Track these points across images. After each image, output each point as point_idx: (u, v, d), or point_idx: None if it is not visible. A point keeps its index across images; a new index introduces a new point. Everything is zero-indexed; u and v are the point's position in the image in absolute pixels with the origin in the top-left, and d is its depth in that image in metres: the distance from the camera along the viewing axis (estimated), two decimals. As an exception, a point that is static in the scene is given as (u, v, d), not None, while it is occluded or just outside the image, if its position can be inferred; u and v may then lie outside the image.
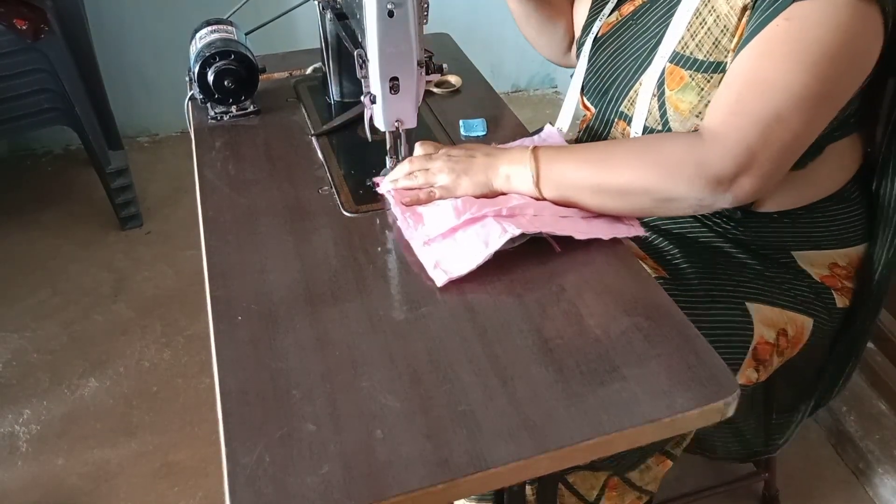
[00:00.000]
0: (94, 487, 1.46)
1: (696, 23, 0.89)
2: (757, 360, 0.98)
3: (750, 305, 0.97)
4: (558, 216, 0.86)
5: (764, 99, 0.78)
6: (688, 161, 0.80)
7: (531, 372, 0.71)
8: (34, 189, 2.33)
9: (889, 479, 1.39)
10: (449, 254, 0.82)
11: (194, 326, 1.81)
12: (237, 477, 0.61)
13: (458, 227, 0.84)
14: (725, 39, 0.87)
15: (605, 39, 1.05)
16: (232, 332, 0.75)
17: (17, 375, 1.69)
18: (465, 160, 0.90)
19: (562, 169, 0.86)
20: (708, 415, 0.69)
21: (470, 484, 0.62)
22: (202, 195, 0.96)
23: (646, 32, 0.98)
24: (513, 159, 0.88)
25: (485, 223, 0.83)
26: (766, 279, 0.99)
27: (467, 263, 0.80)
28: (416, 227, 0.86)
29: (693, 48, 0.90)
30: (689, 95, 0.91)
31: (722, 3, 0.87)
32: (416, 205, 0.90)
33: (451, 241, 0.83)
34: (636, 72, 0.97)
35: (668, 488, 1.36)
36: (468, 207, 0.85)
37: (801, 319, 1.00)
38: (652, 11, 0.98)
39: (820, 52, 0.76)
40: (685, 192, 0.80)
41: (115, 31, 2.34)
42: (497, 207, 0.84)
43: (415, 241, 0.85)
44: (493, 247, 0.80)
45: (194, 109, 1.15)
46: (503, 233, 0.80)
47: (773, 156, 0.79)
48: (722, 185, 0.79)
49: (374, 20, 0.82)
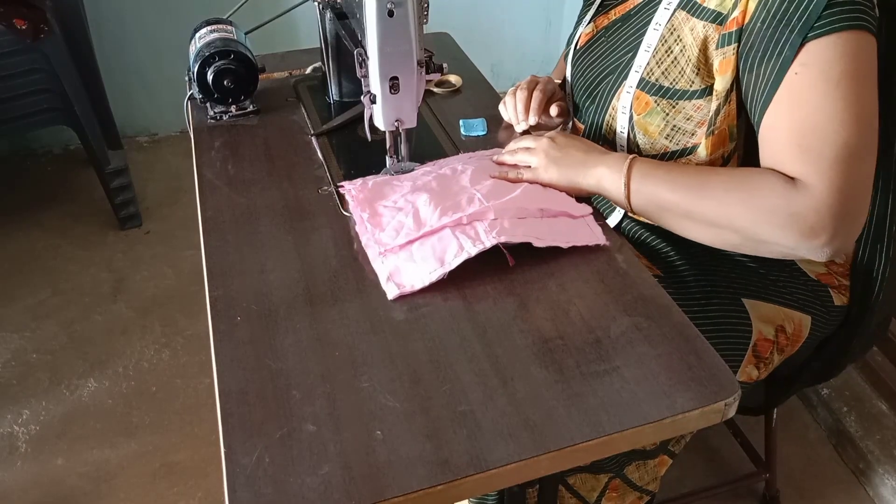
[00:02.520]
0: (93, 487, 1.46)
1: (663, 51, 0.91)
2: (757, 358, 0.98)
3: (746, 302, 0.97)
4: (517, 218, 0.85)
5: (828, 138, 0.77)
6: (782, 209, 0.78)
7: (531, 372, 0.70)
8: (34, 189, 2.33)
9: (889, 479, 1.39)
10: (404, 267, 0.81)
11: (194, 326, 1.81)
12: (237, 477, 0.61)
13: (416, 240, 0.83)
14: (689, 69, 0.88)
15: (582, 52, 1.05)
16: (231, 332, 0.75)
17: (17, 375, 1.69)
18: (564, 150, 0.91)
19: (654, 186, 0.85)
20: (708, 415, 0.68)
21: (470, 485, 0.62)
22: (201, 195, 0.96)
23: (616, 50, 0.99)
24: (609, 164, 0.88)
25: (441, 236, 0.82)
26: (762, 276, 0.99)
27: (421, 279, 0.79)
28: (374, 233, 0.85)
29: (659, 75, 0.91)
30: (656, 119, 0.93)
31: (686, 34, 0.88)
32: (503, 180, 0.91)
33: (406, 253, 0.82)
34: (609, 94, 0.98)
35: (668, 488, 1.37)
36: (429, 217, 0.84)
37: (798, 317, 1.00)
38: (623, 30, 0.99)
39: (850, 82, 0.77)
40: (776, 238, 0.79)
41: (115, 31, 2.34)
42: (458, 215, 0.83)
43: (370, 249, 0.84)
44: (450, 265, 0.79)
45: (194, 109, 1.15)
46: (459, 251, 0.80)
47: (858, 188, 0.78)
48: (819, 237, 0.77)
49: (373, 20, 0.82)
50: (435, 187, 0.89)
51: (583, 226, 0.87)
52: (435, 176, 0.92)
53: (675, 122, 0.92)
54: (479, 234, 0.82)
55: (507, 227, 0.82)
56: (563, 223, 0.87)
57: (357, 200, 0.90)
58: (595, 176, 0.89)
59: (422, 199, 0.87)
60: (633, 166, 0.86)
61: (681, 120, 0.91)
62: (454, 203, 0.86)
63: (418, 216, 0.85)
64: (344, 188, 0.94)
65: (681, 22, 0.89)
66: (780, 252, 0.82)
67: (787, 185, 0.79)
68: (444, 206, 0.85)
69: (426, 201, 0.86)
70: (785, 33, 0.78)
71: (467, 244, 0.80)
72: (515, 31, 2.70)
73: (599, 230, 0.87)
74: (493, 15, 2.62)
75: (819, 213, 0.77)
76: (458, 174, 0.92)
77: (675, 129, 0.92)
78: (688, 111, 0.90)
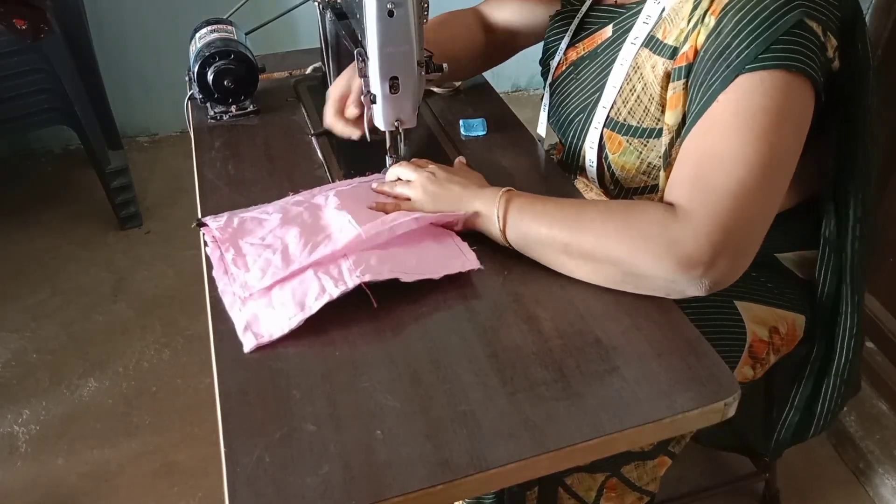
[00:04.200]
0: (94, 487, 1.46)
1: (627, 89, 0.91)
2: (753, 358, 0.99)
3: (738, 304, 0.97)
4: (385, 250, 0.80)
5: (725, 172, 0.75)
6: (659, 237, 0.75)
7: (531, 372, 0.71)
8: (34, 189, 2.33)
9: (889, 479, 1.39)
10: (262, 314, 0.75)
11: (194, 326, 1.81)
12: (237, 477, 0.61)
13: (277, 283, 0.77)
14: (653, 107, 0.88)
15: (556, 84, 1.05)
16: (231, 332, 0.75)
17: (17, 375, 1.69)
18: (443, 185, 0.88)
19: (530, 220, 0.81)
20: (708, 415, 0.69)
21: (470, 484, 0.62)
22: (202, 195, 0.96)
23: (585, 88, 0.99)
24: (484, 199, 0.85)
25: (303, 278, 0.77)
26: (752, 279, 0.99)
27: (280, 327, 0.74)
28: (234, 277, 0.79)
29: (626, 115, 0.91)
30: (630, 158, 0.93)
31: (648, 71, 0.88)
32: (380, 211, 0.87)
33: (266, 300, 0.76)
34: (581, 132, 0.98)
35: (668, 488, 1.37)
36: (298, 254, 0.79)
37: (791, 317, 1.01)
38: (591, 67, 0.99)
39: (766, 119, 0.75)
40: (653, 269, 0.75)
41: (115, 31, 2.34)
42: (328, 249, 0.79)
43: (227, 297, 0.78)
44: (310, 310, 0.74)
45: (194, 109, 1.15)
46: (321, 293, 0.75)
47: (746, 228, 0.75)
48: (696, 268, 0.73)
49: (374, 20, 0.82)
50: (306, 219, 0.85)
51: (453, 249, 0.83)
52: (307, 206, 0.88)
53: (650, 160, 0.92)
54: (342, 273, 0.77)
55: (374, 265, 0.78)
56: (434, 251, 0.83)
57: (220, 240, 0.84)
58: (472, 210, 0.85)
59: (291, 235, 0.82)
60: (509, 201, 0.83)
61: (654, 157, 0.91)
62: (325, 236, 0.82)
63: (287, 253, 0.80)
64: (207, 228, 0.87)
65: (644, 59, 0.89)
66: (661, 287, 0.77)
67: (666, 213, 0.76)
68: (314, 241, 0.81)
69: (296, 236, 0.82)
70: (723, 66, 0.78)
71: (329, 285, 0.75)
72: (515, 31, 2.70)
73: (473, 255, 0.83)
74: (493, 15, 2.62)
75: (697, 241, 0.73)
76: (329, 203, 0.87)
77: (649, 165, 0.92)
78: (658, 149, 0.90)
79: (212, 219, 0.88)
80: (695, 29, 0.82)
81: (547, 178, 0.99)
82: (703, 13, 0.81)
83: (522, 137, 1.09)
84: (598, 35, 0.99)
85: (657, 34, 0.88)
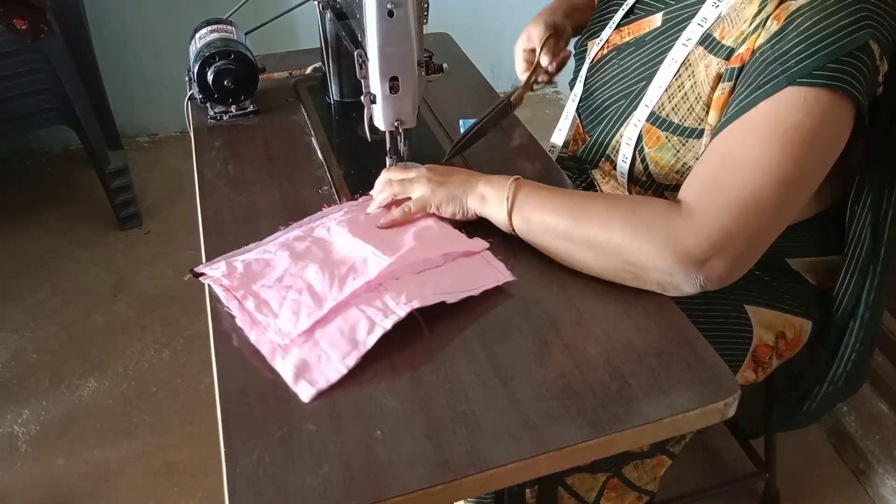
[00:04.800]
0: (94, 487, 1.46)
1: (675, 85, 0.89)
2: (756, 362, 0.98)
3: (749, 308, 0.97)
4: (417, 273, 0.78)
5: (742, 179, 0.75)
6: (661, 227, 0.76)
7: (531, 372, 0.71)
8: (34, 189, 2.33)
9: (889, 479, 1.39)
10: (311, 358, 0.70)
11: (194, 326, 1.81)
12: (237, 477, 0.61)
13: (318, 324, 0.73)
14: (699, 107, 0.87)
15: (596, 68, 1.03)
16: (231, 332, 0.75)
17: (17, 375, 1.69)
18: (445, 174, 0.88)
19: (537, 206, 0.82)
20: (708, 415, 0.69)
21: (470, 484, 0.62)
22: (202, 195, 0.96)
23: (628, 76, 0.97)
24: (492, 182, 0.85)
25: (346, 316, 0.73)
26: (765, 283, 0.99)
27: (336, 369, 0.69)
28: (264, 326, 0.74)
29: (669, 111, 0.90)
30: (667, 155, 0.91)
31: (700, 70, 0.87)
32: (393, 226, 0.85)
33: (310, 343, 0.72)
34: (618, 120, 0.97)
35: (668, 488, 1.36)
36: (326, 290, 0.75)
37: (799, 322, 1.00)
38: (636, 56, 0.97)
39: (799, 137, 0.75)
40: (651, 260, 0.76)
41: (115, 31, 2.34)
42: (361, 280, 0.75)
43: (263, 346, 0.72)
44: (365, 346, 0.71)
45: (194, 109, 1.15)
46: (371, 327, 0.71)
47: (749, 238, 0.76)
48: (692, 263, 0.74)
49: (373, 20, 0.82)
50: (318, 253, 0.81)
51: (483, 265, 0.82)
52: (312, 240, 0.83)
53: (686, 160, 0.90)
54: (387, 304, 0.73)
55: (415, 290, 0.75)
56: (465, 267, 0.81)
57: (232, 288, 0.78)
58: (478, 195, 0.85)
59: (311, 272, 0.78)
60: (519, 186, 0.83)
61: (690, 158, 0.89)
62: (349, 268, 0.78)
63: (314, 291, 0.75)
64: (207, 277, 0.80)
65: (697, 58, 0.87)
66: (657, 281, 0.77)
67: (670, 207, 0.77)
68: (339, 275, 0.77)
69: (316, 273, 0.77)
70: (777, 71, 0.77)
71: (378, 318, 0.72)
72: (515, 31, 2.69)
73: (502, 265, 0.82)
74: (493, 15, 2.62)
75: (696, 238, 0.74)
76: (336, 232, 0.84)
77: (684, 165, 0.90)
78: (697, 150, 0.88)
79: (208, 267, 0.82)
80: (755, 32, 0.81)
81: (547, 178, 0.99)
82: (767, 17, 0.80)
83: (522, 137, 1.09)
84: (646, 22, 0.97)
85: (714, 33, 0.86)
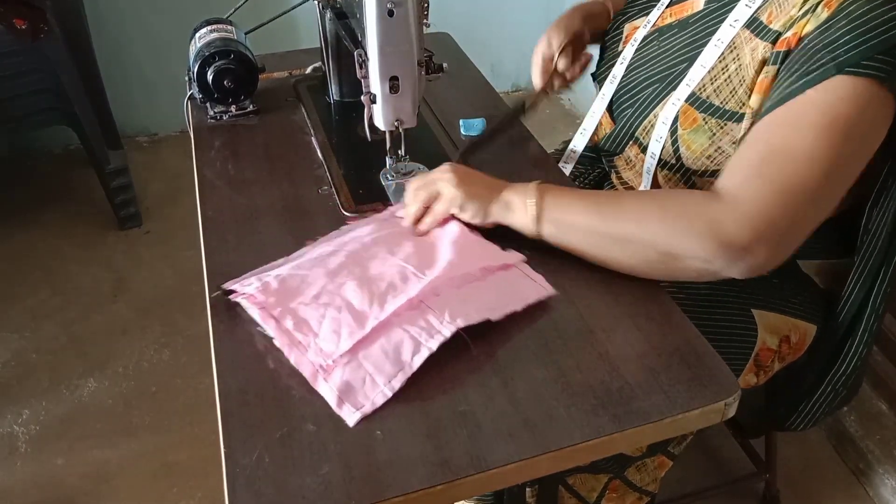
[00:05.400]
0: (93, 487, 1.46)
1: (719, 67, 0.87)
2: (758, 366, 0.98)
3: (755, 312, 0.96)
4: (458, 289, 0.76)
5: (789, 168, 0.75)
6: (701, 216, 0.75)
7: (531, 372, 0.70)
8: (34, 189, 2.33)
9: (889, 479, 1.39)
10: (354, 381, 0.68)
11: (194, 326, 1.81)
12: (237, 477, 0.61)
13: (360, 344, 0.70)
14: (741, 90, 0.85)
15: (635, 51, 1.00)
16: (231, 332, 0.75)
17: (17, 375, 1.69)
18: (468, 174, 0.85)
19: (566, 208, 0.80)
20: (708, 415, 0.68)
21: (470, 484, 0.62)
22: (201, 195, 0.96)
23: (668, 58, 0.95)
24: (516, 188, 0.83)
25: (388, 336, 0.71)
26: (774, 286, 0.98)
27: (381, 392, 0.67)
28: (304, 346, 0.71)
29: (710, 92, 0.88)
30: (701, 138, 0.89)
31: (746, 53, 0.85)
32: (426, 231, 0.84)
33: (353, 365, 0.69)
34: (653, 101, 0.95)
35: (668, 488, 1.36)
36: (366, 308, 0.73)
37: (804, 326, 1.00)
38: (679, 37, 0.95)
39: (845, 128, 0.75)
40: (692, 249, 0.75)
41: (114, 30, 2.34)
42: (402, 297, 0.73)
43: (304, 367, 0.70)
44: (411, 368, 0.69)
45: (193, 109, 1.15)
46: (416, 348, 0.70)
47: (793, 227, 0.76)
48: (735, 251, 0.74)
49: (373, 20, 0.82)
50: (354, 269, 0.78)
51: (522, 278, 0.80)
52: (346, 255, 0.80)
53: (721, 145, 0.88)
54: (430, 323, 0.71)
55: (458, 308, 0.73)
56: (505, 281, 0.79)
57: (268, 306, 0.75)
58: (503, 202, 0.82)
59: (349, 289, 0.75)
60: (543, 189, 0.81)
61: (727, 143, 0.88)
62: (388, 285, 0.75)
63: (354, 309, 0.73)
64: (239, 293, 0.77)
65: (743, 41, 0.86)
66: (695, 269, 0.77)
67: (707, 196, 0.77)
68: (379, 293, 0.74)
69: (354, 290, 0.75)
70: (826, 58, 0.76)
71: (423, 338, 0.70)
72: (515, 31, 2.70)
73: (541, 278, 0.80)
74: (493, 15, 2.62)
75: (739, 224, 0.73)
76: (369, 247, 0.81)
77: (718, 150, 0.89)
78: (734, 134, 0.87)
79: (238, 283, 0.79)
80: (804, 17, 0.79)
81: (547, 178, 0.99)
82: (817, 3, 0.79)
83: (522, 137, 1.09)
84: (689, 5, 0.95)
85: (762, 17, 0.85)
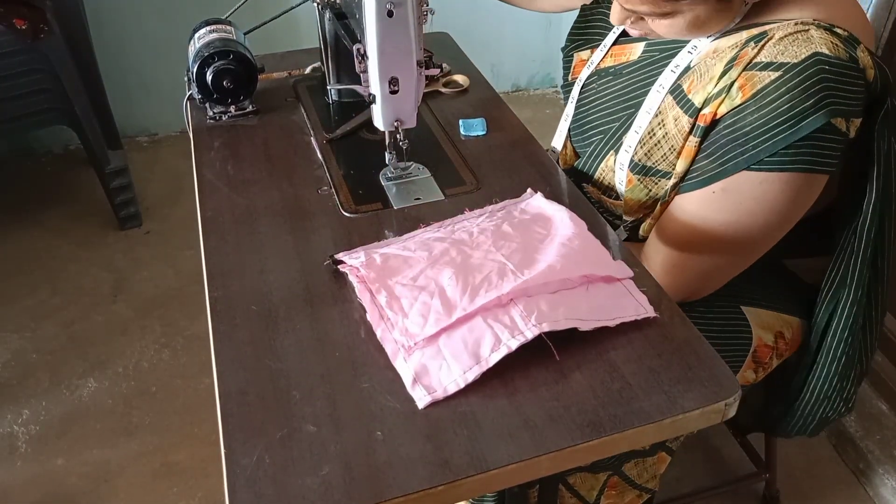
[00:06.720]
0: (93, 487, 1.46)
1: (647, 136, 0.91)
2: (756, 363, 0.98)
3: (745, 309, 0.97)
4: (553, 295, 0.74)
5: (703, 256, 0.87)
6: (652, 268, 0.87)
7: (531, 372, 0.70)
8: (34, 189, 2.32)
9: (889, 479, 1.39)
10: (431, 365, 0.69)
11: (194, 326, 1.81)
12: (237, 478, 0.61)
13: (443, 331, 0.71)
14: (672, 155, 0.90)
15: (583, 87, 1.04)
16: (231, 333, 0.75)
17: (17, 375, 1.69)
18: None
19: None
20: (709, 415, 0.68)
21: (470, 485, 0.62)
22: (201, 195, 0.96)
23: (607, 108, 0.99)
24: None
25: (472, 326, 0.71)
26: (761, 284, 0.99)
27: (454, 381, 0.68)
28: (392, 323, 0.73)
29: (642, 156, 0.92)
30: (640, 195, 0.95)
31: (671, 121, 0.89)
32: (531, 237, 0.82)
33: (433, 349, 0.70)
34: (597, 155, 0.99)
35: (668, 488, 1.37)
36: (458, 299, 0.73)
37: (796, 322, 1.00)
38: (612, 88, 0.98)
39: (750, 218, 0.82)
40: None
41: (114, 30, 2.33)
42: (492, 295, 0.73)
43: (388, 343, 0.72)
44: (487, 363, 0.69)
45: (193, 109, 1.15)
46: (496, 344, 0.69)
47: (712, 287, 0.92)
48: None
49: (373, 20, 0.82)
50: (455, 257, 0.78)
51: (624, 294, 0.77)
52: (451, 242, 0.81)
53: (655, 194, 0.94)
54: (515, 322, 0.71)
55: (547, 311, 0.72)
56: (604, 293, 0.77)
57: (367, 280, 0.78)
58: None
59: (445, 276, 0.76)
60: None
61: (660, 192, 0.93)
62: (484, 278, 0.75)
63: (445, 297, 0.74)
64: (346, 265, 0.80)
65: (667, 107, 0.89)
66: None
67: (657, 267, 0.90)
68: (472, 284, 0.74)
69: (451, 278, 0.75)
70: (736, 152, 0.79)
71: (504, 336, 0.70)
72: (515, 31, 2.70)
73: (644, 299, 0.77)
74: (493, 15, 2.62)
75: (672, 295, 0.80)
76: (476, 238, 0.81)
77: (653, 199, 0.94)
78: (665, 186, 0.91)
79: (347, 255, 0.81)
80: (719, 96, 0.82)
81: (547, 178, 0.99)
82: (731, 83, 0.80)
83: (522, 137, 1.09)
84: (629, 49, 0.98)
85: (684, 85, 0.88)
